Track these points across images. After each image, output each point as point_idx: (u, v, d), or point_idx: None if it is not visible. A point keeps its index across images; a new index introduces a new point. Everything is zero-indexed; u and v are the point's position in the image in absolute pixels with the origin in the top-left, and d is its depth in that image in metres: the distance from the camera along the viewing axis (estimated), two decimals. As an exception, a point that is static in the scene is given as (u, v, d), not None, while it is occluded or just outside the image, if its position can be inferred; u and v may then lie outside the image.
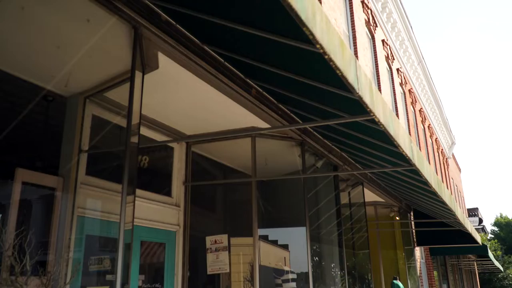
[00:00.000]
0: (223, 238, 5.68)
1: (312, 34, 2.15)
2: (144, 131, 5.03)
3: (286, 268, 6.13)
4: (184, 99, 4.72)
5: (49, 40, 3.29)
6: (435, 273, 15.71)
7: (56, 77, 3.74)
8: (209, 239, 5.74)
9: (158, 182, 5.58)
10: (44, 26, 3.14)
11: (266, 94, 4.92)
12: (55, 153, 3.92)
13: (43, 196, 3.80)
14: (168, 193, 5.57)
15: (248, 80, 4.58)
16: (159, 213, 5.23)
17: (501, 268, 30.18)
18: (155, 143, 5.32)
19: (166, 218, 5.34)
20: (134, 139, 3.57)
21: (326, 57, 2.34)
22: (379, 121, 3.25)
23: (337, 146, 6.75)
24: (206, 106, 4.92)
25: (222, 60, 4.19)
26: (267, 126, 5.35)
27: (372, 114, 3.12)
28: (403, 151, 4.02)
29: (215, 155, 6.48)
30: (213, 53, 4.05)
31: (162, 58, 3.77)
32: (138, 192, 4.62)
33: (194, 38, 3.83)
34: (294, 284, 5.97)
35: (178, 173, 5.74)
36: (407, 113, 14.77)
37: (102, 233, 4.00)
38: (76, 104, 3.96)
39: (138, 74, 3.57)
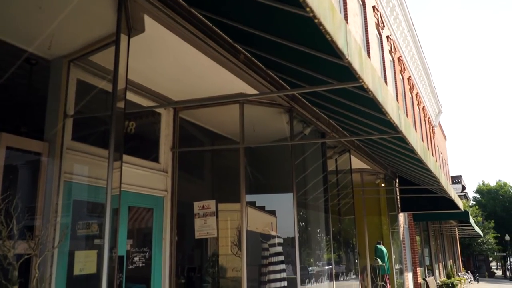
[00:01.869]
0: (211, 204, 5.73)
1: (302, -3, 2.10)
2: (130, 96, 4.96)
3: (273, 233, 6.24)
4: (172, 63, 4.64)
5: (30, 0, 3.17)
6: (417, 238, 16.16)
7: (38, 39, 3.63)
8: (197, 205, 5.78)
9: (145, 148, 5.56)
10: (24, -15, 3.02)
11: (255, 60, 4.86)
12: (39, 118, 3.86)
13: (28, 161, 3.76)
14: (156, 159, 5.56)
15: (236, 45, 4.51)
16: (146, 179, 5.23)
17: (481, 234, 31.16)
18: (142, 109, 5.26)
19: (153, 184, 5.35)
20: (120, 104, 3.52)
21: (316, 21, 2.30)
22: (367, 87, 3.24)
23: (325, 113, 6.75)
24: (194, 71, 4.85)
25: (210, 24, 4.10)
26: (256, 92, 5.31)
27: (361, 80, 3.10)
28: (391, 118, 4.04)
29: (203, 121, 6.45)
30: (200, 16, 3.96)
31: (148, 21, 3.67)
32: (125, 158, 4.60)
33: (181, 1, 3.72)
34: (280, 248, 6.10)
35: (165, 139, 5.72)
36: (395, 81, 14.78)
37: (90, 198, 4.01)
38: (60, 68, 3.86)
39: (123, 38, 3.48)
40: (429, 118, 23.50)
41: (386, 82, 12.86)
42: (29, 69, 4.03)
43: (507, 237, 43.69)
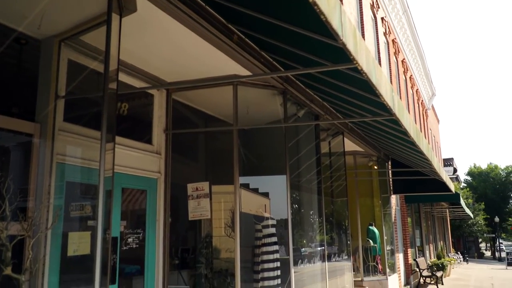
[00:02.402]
0: (204, 186, 5.74)
1: (296, -24, 2.07)
2: (123, 77, 4.90)
3: (266, 215, 6.28)
4: (164, 44, 4.58)
5: (18, -22, 3.10)
6: (409, 219, 16.36)
7: (28, 18, 3.56)
8: (190, 186, 5.79)
9: (138, 129, 5.53)
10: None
11: (248, 41, 4.81)
12: (31, 99, 3.82)
13: (20, 143, 3.74)
14: (149, 141, 5.53)
15: (229, 26, 4.45)
16: (140, 160, 5.22)
17: (471, 215, 31.63)
18: (135, 90, 5.21)
19: (147, 166, 5.34)
20: (113, 85, 3.49)
21: (310, 0, 2.27)
22: (362, 69, 3.22)
23: (319, 95, 6.74)
24: (187, 52, 4.80)
25: (203, 4, 4.04)
26: (249, 74, 5.27)
27: (355, 62, 3.09)
28: (385, 100, 4.03)
29: (196, 103, 6.41)
30: (193, -4, 3.90)
31: (140, 1, 3.61)
32: (118, 139, 4.58)
33: (174, -21, 3.66)
34: (273, 229, 6.15)
35: (158, 120, 5.69)
36: (389, 64, 14.74)
37: (83, 180, 4.00)
38: (50, 48, 3.81)
39: (115, 17, 3.42)
40: (422, 101, 23.55)
41: (380, 64, 12.83)
42: (19, 49, 3.97)
43: (497, 219, 44.38)
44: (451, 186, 11.92)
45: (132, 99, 5.39)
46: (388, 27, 14.86)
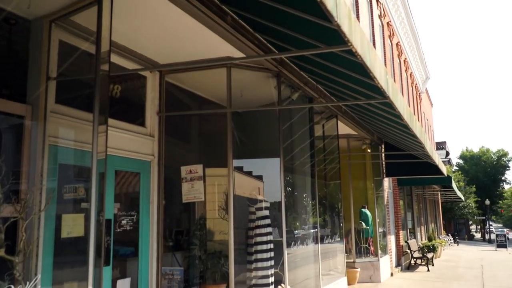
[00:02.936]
0: (198, 168, 5.74)
1: (291, -45, 2.03)
2: (115, 58, 4.85)
3: (260, 197, 6.31)
4: (157, 25, 4.52)
5: (6, -44, 3.03)
6: (401, 202, 16.51)
7: (17, -3, 3.49)
8: (184, 169, 5.79)
9: (131, 112, 5.49)
10: None
11: (242, 22, 4.76)
12: (21, 81, 3.77)
13: (11, 125, 3.70)
14: (142, 123, 5.50)
15: (223, 7, 4.40)
16: (133, 143, 5.20)
17: (463, 198, 31.99)
18: (127, 71, 5.16)
19: (140, 148, 5.33)
20: (105, 67, 3.44)
21: (305, -19, 2.24)
22: (356, 51, 3.21)
23: (313, 78, 6.71)
24: (180, 34, 4.75)
25: (196, -16, 3.98)
26: (243, 56, 5.22)
27: (349, 44, 3.07)
28: (379, 83, 4.03)
29: (189, 85, 6.37)
30: (186, -25, 3.83)
31: (132, -20, 3.55)
32: (111, 121, 4.55)
33: (166, -41, 3.59)
34: (267, 212, 6.19)
35: (151, 103, 5.65)
36: (384, 47, 14.69)
37: (76, 162, 3.98)
38: (41, 28, 3.75)
39: (106, -3, 3.37)
40: (416, 84, 23.56)
41: (374, 47, 12.77)
42: (9, 29, 3.90)
43: (487, 202, 44.96)
44: (443, 169, 12.02)
45: (125, 81, 5.34)
46: (383, 10, 14.75)
